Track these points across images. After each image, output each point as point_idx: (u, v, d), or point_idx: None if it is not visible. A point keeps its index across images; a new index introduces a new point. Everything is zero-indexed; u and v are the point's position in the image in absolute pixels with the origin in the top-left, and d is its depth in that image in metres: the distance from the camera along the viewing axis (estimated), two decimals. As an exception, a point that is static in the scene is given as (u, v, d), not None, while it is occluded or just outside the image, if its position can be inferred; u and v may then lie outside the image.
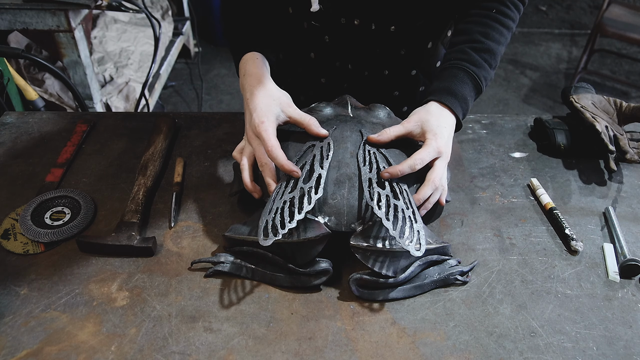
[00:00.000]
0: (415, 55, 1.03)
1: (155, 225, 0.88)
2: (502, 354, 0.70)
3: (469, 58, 0.89)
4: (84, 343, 0.70)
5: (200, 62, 3.39)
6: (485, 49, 0.90)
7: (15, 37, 2.21)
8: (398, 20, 0.95)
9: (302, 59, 0.89)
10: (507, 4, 0.93)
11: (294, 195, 0.75)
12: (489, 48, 0.90)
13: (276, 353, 0.69)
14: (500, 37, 0.91)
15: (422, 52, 1.03)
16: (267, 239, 0.70)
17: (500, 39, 0.91)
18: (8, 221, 0.87)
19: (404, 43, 0.99)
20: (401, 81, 1.07)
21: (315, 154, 0.81)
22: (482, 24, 0.92)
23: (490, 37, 0.90)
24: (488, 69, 0.90)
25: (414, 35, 0.99)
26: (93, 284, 0.78)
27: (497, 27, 0.91)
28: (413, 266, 0.76)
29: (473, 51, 0.89)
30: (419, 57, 1.04)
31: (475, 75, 0.88)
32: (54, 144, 1.04)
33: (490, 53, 0.90)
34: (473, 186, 0.97)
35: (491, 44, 0.90)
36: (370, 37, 0.97)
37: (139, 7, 2.11)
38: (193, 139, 1.07)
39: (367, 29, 0.95)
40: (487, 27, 0.91)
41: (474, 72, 0.88)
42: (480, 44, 0.90)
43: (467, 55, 0.89)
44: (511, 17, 0.93)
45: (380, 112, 0.92)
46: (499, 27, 0.91)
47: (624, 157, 1.00)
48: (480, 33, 0.91)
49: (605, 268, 0.82)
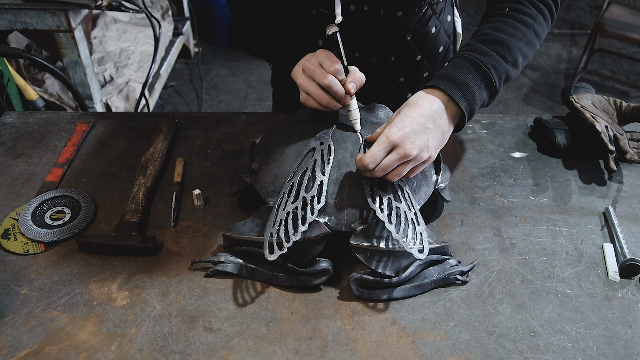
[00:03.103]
0: (420, 41, 1.04)
1: (155, 225, 0.88)
2: (502, 354, 0.70)
3: (473, 48, 0.84)
4: (84, 343, 0.70)
5: (200, 62, 3.39)
6: (493, 40, 0.83)
7: (15, 37, 2.21)
8: (405, 6, 0.95)
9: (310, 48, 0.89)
10: (523, 2, 0.88)
11: (296, 205, 0.75)
12: (498, 39, 0.83)
13: (276, 353, 0.69)
14: (515, 31, 0.85)
15: (426, 37, 1.04)
16: (272, 254, 0.71)
17: (515, 33, 0.84)
18: (8, 221, 0.87)
19: (409, 29, 1.00)
20: (406, 67, 1.07)
21: (316, 159, 0.81)
22: (492, 21, 0.88)
23: (501, 30, 0.85)
24: (499, 59, 0.82)
25: (418, 21, 1.00)
26: (93, 284, 0.78)
27: (510, 22, 0.86)
28: (413, 266, 0.76)
29: (479, 42, 0.84)
30: (423, 43, 1.05)
31: (479, 62, 0.80)
32: (54, 144, 1.04)
33: (501, 44, 0.83)
34: (473, 186, 0.97)
35: (502, 36, 0.83)
36: (378, 24, 0.98)
37: (139, 7, 2.11)
38: (193, 139, 1.07)
39: (376, 15, 0.96)
40: (497, 22, 0.87)
41: (477, 59, 0.81)
42: (487, 35, 0.84)
43: (471, 46, 0.84)
44: (529, 14, 0.87)
45: (381, 112, 0.92)
46: (511, 21, 0.86)
47: (624, 157, 1.00)
48: (490, 28, 0.86)
49: (605, 268, 0.82)
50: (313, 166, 0.80)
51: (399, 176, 0.75)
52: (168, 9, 3.04)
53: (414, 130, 0.74)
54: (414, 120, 0.74)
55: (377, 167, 0.74)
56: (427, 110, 0.76)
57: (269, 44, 1.02)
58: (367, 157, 0.73)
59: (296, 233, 0.72)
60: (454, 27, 1.12)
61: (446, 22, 1.07)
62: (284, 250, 0.71)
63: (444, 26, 1.07)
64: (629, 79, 3.40)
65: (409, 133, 0.73)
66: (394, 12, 0.96)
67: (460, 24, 1.13)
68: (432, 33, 1.04)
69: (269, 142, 0.90)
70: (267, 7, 1.00)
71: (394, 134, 0.73)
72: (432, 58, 1.09)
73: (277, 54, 1.01)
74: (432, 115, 0.76)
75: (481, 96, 0.80)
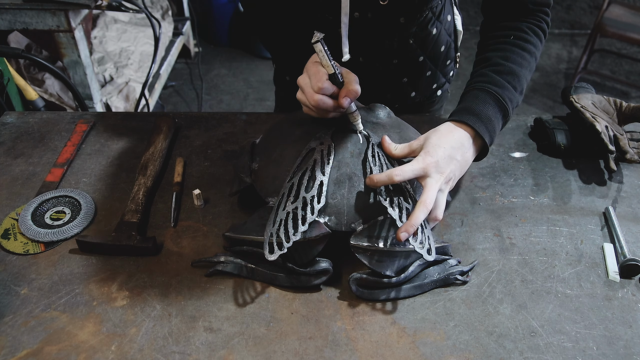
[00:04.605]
0: (422, 43, 1.06)
1: (155, 225, 0.88)
2: (502, 354, 0.70)
3: (490, 79, 0.87)
4: (84, 343, 0.70)
5: (200, 62, 3.39)
6: (506, 71, 0.88)
7: (15, 37, 2.20)
8: (407, 12, 0.97)
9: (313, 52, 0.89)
10: (526, 30, 0.93)
11: (296, 205, 0.75)
12: (511, 70, 0.88)
13: (276, 353, 0.69)
14: (522, 61, 0.90)
15: (427, 39, 1.06)
16: (272, 254, 0.71)
17: (523, 63, 0.90)
18: (8, 221, 0.87)
19: (411, 33, 1.02)
20: (409, 68, 1.09)
21: (316, 159, 0.81)
22: (501, 50, 0.91)
23: (511, 60, 0.89)
24: (512, 90, 0.87)
25: (420, 24, 1.02)
26: (93, 284, 0.78)
27: (517, 51, 0.90)
28: (413, 266, 0.76)
29: (494, 73, 0.88)
30: (425, 44, 1.06)
31: (498, 96, 0.85)
32: (54, 144, 1.04)
33: (513, 75, 0.88)
34: (473, 186, 0.97)
35: (513, 66, 0.88)
36: (381, 30, 0.99)
37: (139, 7, 2.11)
38: (193, 139, 1.07)
39: (379, 22, 0.97)
40: (507, 51, 0.90)
41: (496, 92, 0.86)
42: (501, 66, 0.88)
43: (488, 77, 0.88)
44: (531, 42, 0.92)
45: (381, 112, 0.92)
46: (519, 51, 0.90)
47: (624, 157, 1.00)
48: (501, 57, 0.90)
49: (605, 268, 0.82)
50: (313, 166, 0.80)
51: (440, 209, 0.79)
52: (168, 9, 3.04)
53: (445, 161, 0.79)
54: (445, 151, 0.79)
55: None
56: (457, 144, 0.81)
57: (275, 41, 1.04)
58: (397, 172, 0.76)
59: (296, 233, 0.72)
60: (454, 25, 1.14)
61: (447, 22, 1.09)
62: (284, 250, 0.71)
63: (444, 26, 1.08)
64: (629, 79, 3.40)
65: (440, 162, 0.78)
66: (396, 18, 0.98)
67: (460, 21, 1.15)
68: (433, 34, 1.06)
69: (269, 142, 0.90)
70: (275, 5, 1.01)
71: (428, 160, 0.78)
72: (435, 57, 1.11)
73: (281, 52, 1.02)
74: (461, 149, 0.81)
75: (499, 126, 0.87)
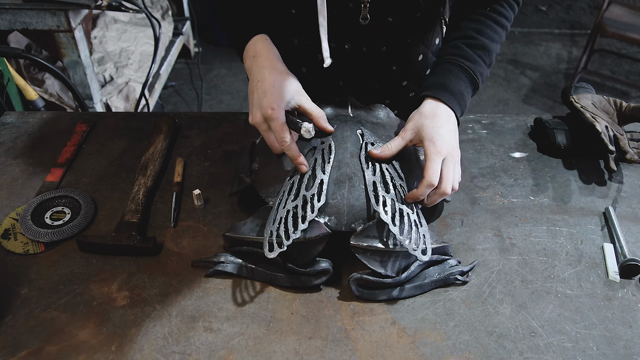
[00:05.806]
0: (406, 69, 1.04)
1: (156, 225, 0.88)
2: (502, 354, 0.70)
3: (464, 54, 0.89)
4: (84, 343, 0.70)
5: (200, 62, 3.39)
6: (479, 45, 0.90)
7: (15, 37, 2.20)
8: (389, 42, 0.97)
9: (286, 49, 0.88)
10: (502, 3, 0.93)
11: (296, 203, 0.75)
12: (483, 45, 0.90)
13: (276, 353, 0.69)
14: (495, 35, 0.92)
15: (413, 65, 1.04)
16: (272, 252, 0.71)
17: (495, 37, 0.92)
18: (8, 221, 0.87)
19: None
20: (399, 56, 1.05)
21: (316, 158, 0.81)
22: (476, 21, 0.92)
23: (485, 34, 0.91)
24: (483, 65, 0.90)
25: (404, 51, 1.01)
26: (93, 284, 0.78)
27: (491, 25, 0.92)
28: (413, 266, 0.76)
29: (467, 47, 0.89)
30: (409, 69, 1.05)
31: (470, 71, 0.88)
32: (54, 144, 1.04)
33: (485, 50, 0.90)
34: (473, 186, 0.97)
35: (485, 41, 0.90)
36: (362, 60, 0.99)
37: (139, 7, 2.11)
38: (193, 139, 1.07)
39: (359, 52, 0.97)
40: (481, 24, 0.91)
41: (469, 67, 0.88)
42: (474, 40, 0.90)
43: (461, 51, 0.89)
44: (506, 16, 0.94)
45: (380, 112, 0.93)
46: (493, 24, 0.92)
47: (624, 157, 1.00)
48: (474, 30, 0.91)
49: (605, 268, 0.82)
50: (313, 165, 0.80)
51: (457, 181, 0.81)
52: (168, 9, 3.04)
53: (449, 138, 0.81)
54: (443, 129, 0.81)
55: (443, 184, 0.78)
56: (445, 118, 0.83)
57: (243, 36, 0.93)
58: (431, 176, 0.77)
59: (296, 231, 0.72)
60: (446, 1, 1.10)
61: (434, 46, 1.07)
62: (283, 248, 0.71)
63: (431, 50, 1.07)
64: (629, 79, 3.40)
65: (447, 141, 0.80)
66: (378, 48, 0.98)
67: None
68: (419, 61, 1.05)
69: (269, 142, 0.89)
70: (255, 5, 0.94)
71: (442, 147, 0.79)
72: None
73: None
74: (448, 121, 0.84)
75: (469, 100, 0.90)
